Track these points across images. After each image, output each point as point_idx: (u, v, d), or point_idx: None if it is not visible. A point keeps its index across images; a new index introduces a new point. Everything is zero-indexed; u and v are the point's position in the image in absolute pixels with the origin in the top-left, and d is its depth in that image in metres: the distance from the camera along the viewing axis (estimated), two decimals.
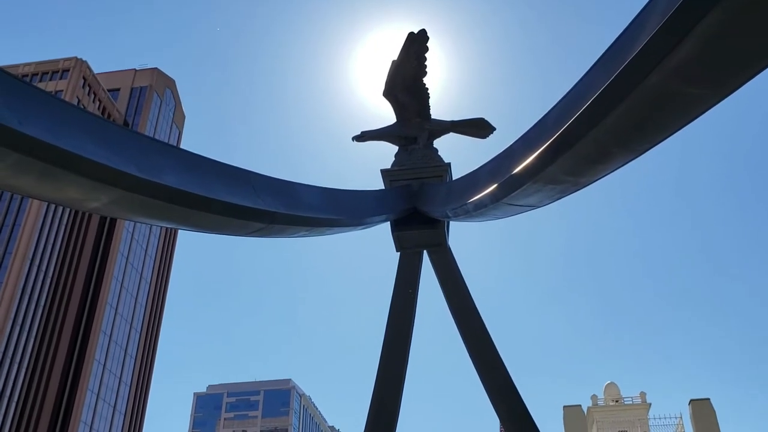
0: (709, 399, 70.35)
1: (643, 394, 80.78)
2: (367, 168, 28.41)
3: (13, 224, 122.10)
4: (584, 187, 11.20)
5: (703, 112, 8.07)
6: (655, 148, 9.40)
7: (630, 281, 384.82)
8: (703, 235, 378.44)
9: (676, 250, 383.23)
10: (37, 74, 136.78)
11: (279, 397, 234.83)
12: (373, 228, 18.49)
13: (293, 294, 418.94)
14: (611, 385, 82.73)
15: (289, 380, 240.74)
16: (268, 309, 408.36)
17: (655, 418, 76.85)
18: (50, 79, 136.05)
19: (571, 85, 10.29)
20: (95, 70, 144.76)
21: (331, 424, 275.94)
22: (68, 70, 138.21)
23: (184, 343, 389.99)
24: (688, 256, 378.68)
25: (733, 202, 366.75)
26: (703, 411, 69.14)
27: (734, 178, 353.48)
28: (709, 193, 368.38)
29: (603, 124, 8.85)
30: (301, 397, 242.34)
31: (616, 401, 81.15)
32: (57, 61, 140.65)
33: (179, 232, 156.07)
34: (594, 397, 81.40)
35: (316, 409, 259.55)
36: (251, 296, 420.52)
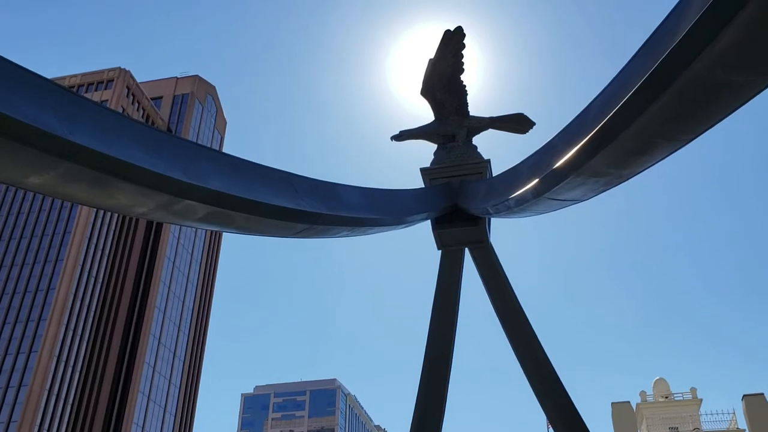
0: (763, 394, 68.51)
1: (693, 390, 79.01)
2: (407, 167, 28.45)
3: (64, 232, 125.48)
4: (628, 179, 11.01)
5: (749, 100, 7.89)
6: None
7: (678, 275, 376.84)
8: (751, 226, 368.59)
9: (724, 243, 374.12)
10: (83, 85, 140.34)
11: (325, 396, 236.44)
12: (415, 226, 18.51)
13: (338, 294, 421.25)
14: (660, 381, 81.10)
15: (334, 380, 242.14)
16: (312, 309, 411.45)
17: (707, 414, 75.13)
18: (95, 90, 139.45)
19: (612, 77, 10.15)
20: (138, 79, 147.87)
21: (377, 423, 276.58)
22: (112, 80, 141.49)
23: (231, 345, 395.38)
24: (736, 248, 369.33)
25: None
26: (757, 406, 67.37)
27: None
28: (756, 181, 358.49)
29: (646, 115, 8.70)
30: (346, 397, 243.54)
31: (666, 397, 79.54)
32: (102, 71, 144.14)
33: (224, 234, 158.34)
34: (643, 394, 79.92)
35: (362, 408, 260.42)
36: (296, 297, 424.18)
